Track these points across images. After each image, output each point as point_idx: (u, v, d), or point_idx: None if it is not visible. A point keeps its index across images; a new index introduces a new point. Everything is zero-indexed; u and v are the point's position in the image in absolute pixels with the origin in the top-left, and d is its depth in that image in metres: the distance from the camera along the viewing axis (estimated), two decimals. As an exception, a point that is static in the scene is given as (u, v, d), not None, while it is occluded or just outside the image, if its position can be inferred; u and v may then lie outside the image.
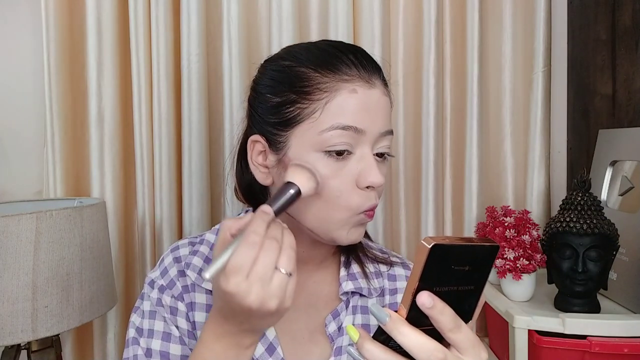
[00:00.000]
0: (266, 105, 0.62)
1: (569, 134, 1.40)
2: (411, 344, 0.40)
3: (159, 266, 0.67)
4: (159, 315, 0.64)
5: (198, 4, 1.28)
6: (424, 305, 0.40)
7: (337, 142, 0.56)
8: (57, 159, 1.26)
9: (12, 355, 1.03)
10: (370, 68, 0.60)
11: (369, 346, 0.42)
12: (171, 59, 1.29)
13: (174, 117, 1.31)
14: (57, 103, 1.26)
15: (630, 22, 1.16)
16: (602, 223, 0.97)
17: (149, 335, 0.63)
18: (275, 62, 0.64)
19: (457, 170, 1.40)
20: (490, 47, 1.38)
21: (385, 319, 0.41)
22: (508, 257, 1.06)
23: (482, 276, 0.43)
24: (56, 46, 1.25)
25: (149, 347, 0.62)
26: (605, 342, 0.92)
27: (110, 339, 1.31)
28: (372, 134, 0.58)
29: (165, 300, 0.64)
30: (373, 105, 0.59)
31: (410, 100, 1.37)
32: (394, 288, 0.69)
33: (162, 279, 0.65)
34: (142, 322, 0.64)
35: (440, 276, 0.40)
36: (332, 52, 0.60)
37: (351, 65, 0.59)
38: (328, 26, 1.32)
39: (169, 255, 0.67)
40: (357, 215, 0.59)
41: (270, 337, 0.63)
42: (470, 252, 0.40)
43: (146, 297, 0.65)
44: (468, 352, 0.42)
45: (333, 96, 0.57)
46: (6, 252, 0.90)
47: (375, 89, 0.59)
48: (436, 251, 0.39)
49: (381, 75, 0.62)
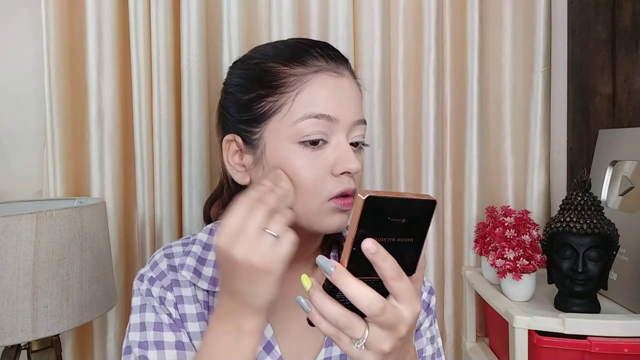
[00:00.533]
0: (237, 104, 0.63)
1: (569, 134, 1.40)
2: (353, 292, 0.43)
3: (149, 262, 0.68)
4: (149, 306, 0.64)
5: (198, 4, 1.28)
6: (368, 251, 0.42)
7: (310, 131, 0.58)
8: (57, 159, 1.26)
9: (12, 355, 1.03)
10: (337, 59, 0.61)
11: (318, 295, 0.45)
12: (171, 59, 1.29)
13: (174, 117, 1.31)
14: (57, 103, 1.26)
15: (630, 22, 1.16)
16: (602, 223, 0.97)
17: (141, 328, 0.63)
18: (243, 62, 0.65)
19: (457, 170, 1.40)
20: (490, 47, 1.38)
21: (330, 269, 0.43)
22: (508, 257, 1.06)
23: (421, 229, 0.45)
24: (56, 46, 1.25)
25: (145, 340, 0.62)
26: (605, 342, 0.92)
27: (110, 339, 1.31)
28: (346, 122, 0.59)
29: (155, 290, 0.64)
30: (344, 94, 0.60)
31: (410, 100, 1.37)
32: None
33: (151, 272, 0.66)
34: (132, 318, 0.65)
35: (377, 227, 0.43)
36: (299, 46, 0.61)
37: (319, 57, 0.60)
38: (328, 26, 1.32)
39: (159, 252, 0.68)
40: (328, 202, 0.59)
41: (267, 335, 0.63)
42: (405, 205, 0.43)
43: (136, 292, 0.66)
44: (405, 302, 0.44)
45: (303, 87, 0.58)
46: (6, 252, 0.90)
47: (345, 78, 0.61)
48: (371, 202, 0.41)
49: (349, 67, 0.63)
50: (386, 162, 1.35)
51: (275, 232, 0.50)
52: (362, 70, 1.33)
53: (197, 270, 0.65)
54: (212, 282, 0.64)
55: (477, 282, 1.22)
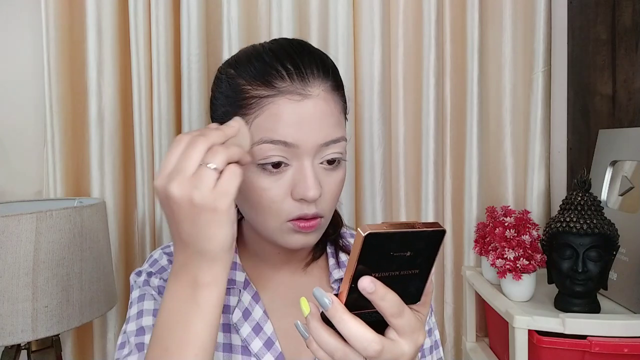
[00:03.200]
0: (215, 114, 0.62)
1: (569, 134, 1.40)
2: (350, 333, 0.40)
3: (147, 261, 0.68)
4: (148, 295, 0.64)
5: (198, 4, 1.28)
6: (365, 290, 0.39)
7: (268, 155, 0.55)
8: (57, 159, 1.26)
9: (12, 355, 1.03)
10: (307, 76, 0.57)
11: (315, 325, 0.42)
12: (171, 59, 1.29)
13: (174, 117, 1.31)
14: (57, 103, 1.26)
15: (630, 22, 1.16)
16: (602, 223, 0.97)
17: (138, 317, 0.62)
18: (225, 69, 0.62)
19: (457, 170, 1.40)
20: (490, 47, 1.38)
21: (327, 305, 0.41)
22: (508, 257, 1.06)
23: (427, 260, 0.42)
24: (56, 46, 1.25)
25: (141, 326, 0.61)
26: (605, 342, 0.92)
27: (110, 339, 1.31)
28: (307, 147, 0.56)
29: (153, 282, 0.65)
30: (307, 117, 0.55)
31: (410, 100, 1.37)
32: None
33: (150, 268, 0.66)
34: (130, 311, 0.63)
35: (378, 263, 0.40)
36: (269, 61, 0.57)
37: (285, 76, 0.56)
38: (328, 26, 1.32)
39: (158, 251, 0.69)
40: (287, 223, 0.57)
41: (268, 332, 0.63)
42: (410, 238, 0.39)
43: (134, 287, 0.66)
44: (407, 337, 0.42)
45: (262, 111, 0.56)
46: (6, 252, 0.90)
47: (310, 99, 0.56)
48: (371, 240, 0.38)
49: (325, 80, 0.58)
50: (386, 162, 1.35)
51: (216, 165, 0.46)
52: (362, 70, 1.33)
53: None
54: None
55: (477, 282, 1.22)
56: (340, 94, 0.61)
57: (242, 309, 0.64)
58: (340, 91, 0.61)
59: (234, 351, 0.63)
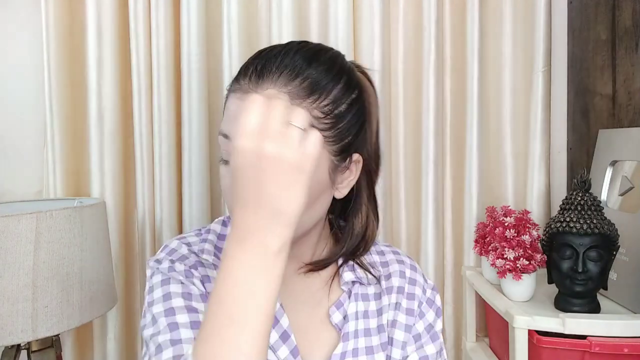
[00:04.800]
0: None
1: (569, 134, 1.40)
2: None
3: (164, 250, 0.65)
4: (173, 279, 0.61)
5: (198, 4, 1.28)
6: None
7: (222, 149, 0.60)
8: (57, 159, 1.26)
9: (12, 355, 1.03)
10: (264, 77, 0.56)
11: None
12: (171, 59, 1.29)
13: (174, 117, 1.31)
14: (57, 103, 1.26)
15: (630, 22, 1.16)
16: (602, 223, 0.97)
17: (165, 299, 0.59)
18: None
19: (457, 170, 1.40)
20: (490, 47, 1.38)
21: None
22: (508, 257, 1.06)
23: None
24: (56, 46, 1.25)
25: (170, 307, 0.58)
26: (605, 342, 0.92)
27: (110, 339, 1.31)
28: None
29: (178, 267, 0.62)
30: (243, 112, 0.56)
31: (410, 100, 1.37)
32: (388, 274, 0.71)
33: (170, 256, 0.64)
34: (154, 294, 0.60)
35: None
36: (250, 60, 0.60)
37: (246, 75, 0.58)
38: (328, 26, 1.32)
39: (174, 241, 0.66)
40: None
41: (284, 325, 0.64)
42: None
43: (155, 272, 0.62)
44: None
45: (225, 106, 0.60)
46: (6, 252, 0.90)
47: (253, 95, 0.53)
48: None
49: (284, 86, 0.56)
50: (386, 162, 1.35)
51: (300, 125, 0.46)
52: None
53: (216, 255, 0.65)
54: None
55: (477, 282, 1.22)
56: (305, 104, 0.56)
57: None
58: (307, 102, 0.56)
59: None
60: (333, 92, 0.58)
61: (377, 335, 0.67)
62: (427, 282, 0.75)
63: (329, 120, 0.58)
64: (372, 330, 0.67)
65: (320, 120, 0.57)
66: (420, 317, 0.71)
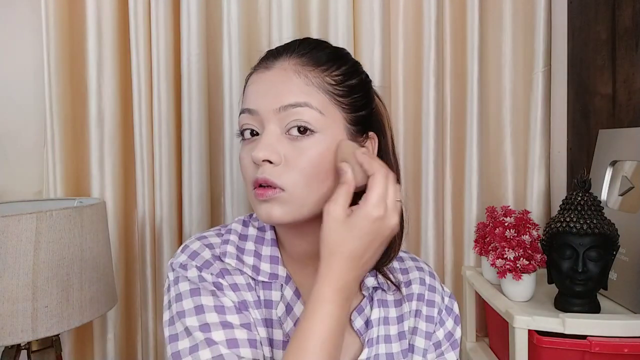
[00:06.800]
0: None
1: (569, 134, 1.40)
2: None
3: (184, 251, 0.64)
4: (204, 290, 0.60)
5: (198, 4, 1.28)
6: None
7: (241, 123, 0.61)
8: (57, 159, 1.27)
9: (12, 355, 1.03)
10: (276, 53, 0.62)
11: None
12: (171, 59, 1.29)
13: (174, 117, 1.31)
14: (57, 103, 1.26)
15: (630, 22, 1.16)
16: (602, 223, 0.97)
17: (198, 312, 0.58)
18: None
19: (457, 170, 1.40)
20: (490, 47, 1.38)
21: None
22: (508, 257, 1.06)
23: None
24: (56, 46, 1.25)
25: (205, 323, 0.57)
26: (605, 342, 0.92)
27: (110, 339, 1.31)
28: (264, 112, 0.59)
29: (207, 276, 0.61)
30: (265, 85, 0.60)
31: (410, 100, 1.37)
32: (408, 280, 0.71)
33: (194, 261, 0.62)
34: (184, 304, 0.59)
35: None
36: (269, 50, 0.64)
37: (265, 57, 0.63)
38: (328, 26, 1.32)
39: (195, 242, 0.65)
40: (253, 191, 0.59)
41: None
42: None
43: (182, 279, 0.61)
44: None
45: (246, 87, 0.63)
46: (6, 252, 0.90)
47: (272, 70, 0.60)
48: None
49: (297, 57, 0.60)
50: (386, 162, 1.34)
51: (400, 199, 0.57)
52: (362, 70, 1.34)
53: (239, 258, 0.63)
54: (255, 270, 0.63)
55: (477, 282, 1.22)
56: (318, 72, 0.60)
57: (285, 304, 0.63)
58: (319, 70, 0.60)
59: (274, 346, 0.62)
60: (342, 67, 0.62)
61: (398, 342, 0.67)
62: (444, 290, 0.74)
63: (342, 88, 0.61)
64: (392, 337, 0.67)
65: (334, 86, 0.60)
66: (441, 325, 0.71)
